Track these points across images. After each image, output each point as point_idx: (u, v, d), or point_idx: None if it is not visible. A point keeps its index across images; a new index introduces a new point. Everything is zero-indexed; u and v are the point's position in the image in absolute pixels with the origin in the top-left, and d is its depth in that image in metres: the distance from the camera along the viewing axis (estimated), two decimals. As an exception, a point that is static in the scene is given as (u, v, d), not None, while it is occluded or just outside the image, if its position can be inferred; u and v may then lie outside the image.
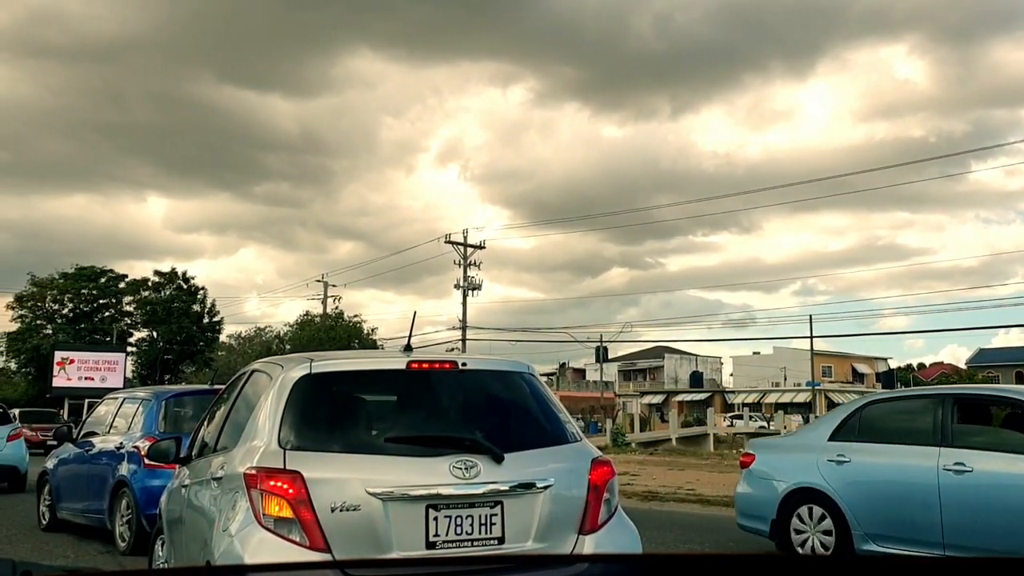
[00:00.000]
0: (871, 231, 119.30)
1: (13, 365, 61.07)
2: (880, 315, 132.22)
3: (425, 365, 4.71)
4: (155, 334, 60.39)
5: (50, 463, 11.71)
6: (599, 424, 57.78)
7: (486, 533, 4.29)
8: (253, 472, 4.21)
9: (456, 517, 4.24)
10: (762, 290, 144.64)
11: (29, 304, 58.27)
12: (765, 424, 59.55)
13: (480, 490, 4.27)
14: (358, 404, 4.75)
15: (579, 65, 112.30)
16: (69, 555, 9.24)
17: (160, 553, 6.01)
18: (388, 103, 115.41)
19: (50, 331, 58.22)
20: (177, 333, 58.94)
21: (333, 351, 10.24)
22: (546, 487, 4.41)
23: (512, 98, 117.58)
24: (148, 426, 9.74)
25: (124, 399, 11.16)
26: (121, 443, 9.91)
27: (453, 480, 4.23)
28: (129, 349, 57.32)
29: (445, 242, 46.65)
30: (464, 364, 4.78)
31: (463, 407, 4.85)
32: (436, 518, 4.20)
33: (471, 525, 4.26)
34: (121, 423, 10.46)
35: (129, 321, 61.88)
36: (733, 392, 79.09)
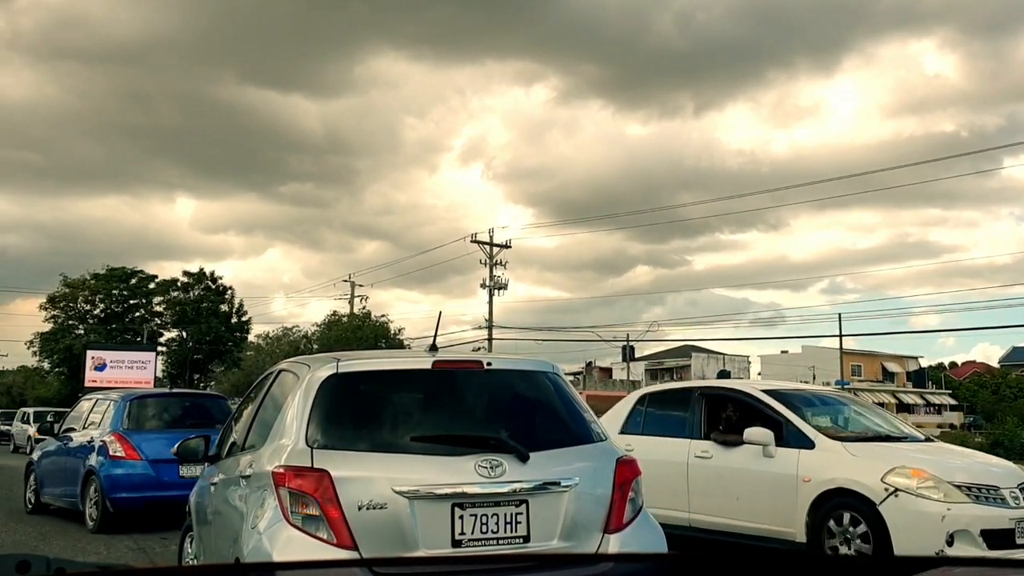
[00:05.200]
0: (901, 228, 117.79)
1: (46, 365, 62.03)
2: (911, 313, 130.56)
3: (450, 365, 4.74)
4: (184, 334, 61.04)
5: (36, 455, 13.33)
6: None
7: (511, 532, 4.30)
8: (281, 471, 4.26)
9: (482, 516, 4.26)
10: (790, 288, 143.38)
11: (61, 305, 59.14)
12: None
13: (505, 489, 4.29)
14: (384, 403, 4.78)
15: (602, 63, 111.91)
16: (101, 551, 9.37)
17: (189, 550, 6.09)
18: (411, 103, 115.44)
19: (82, 331, 59.03)
20: (206, 333, 59.49)
21: (360, 351, 10.36)
22: (571, 486, 4.42)
23: (535, 97, 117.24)
24: (115, 423, 11.37)
25: (98, 399, 12.73)
26: (92, 437, 11.47)
27: (479, 479, 4.26)
28: (159, 349, 57.97)
29: (471, 241, 46.63)
30: (489, 364, 4.80)
31: (488, 406, 4.87)
32: (462, 517, 4.23)
33: (496, 524, 4.28)
34: (95, 419, 11.98)
35: (159, 321, 62.60)
36: (761, 391, 78.40)
